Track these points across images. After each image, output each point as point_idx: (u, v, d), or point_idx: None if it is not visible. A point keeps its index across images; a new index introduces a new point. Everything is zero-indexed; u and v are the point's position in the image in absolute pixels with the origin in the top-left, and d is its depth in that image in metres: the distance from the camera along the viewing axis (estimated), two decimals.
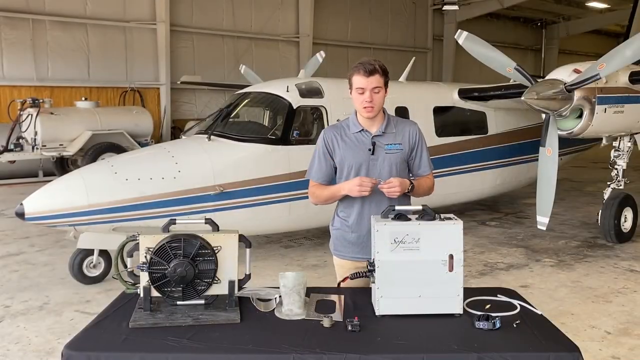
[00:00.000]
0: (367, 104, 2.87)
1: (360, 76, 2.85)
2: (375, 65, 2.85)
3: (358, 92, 2.89)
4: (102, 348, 2.15)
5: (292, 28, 19.46)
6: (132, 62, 16.35)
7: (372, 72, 2.83)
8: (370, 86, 2.85)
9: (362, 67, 2.84)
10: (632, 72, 6.38)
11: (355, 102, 2.93)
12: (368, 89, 2.85)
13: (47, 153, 11.80)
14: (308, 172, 3.11)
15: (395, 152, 2.98)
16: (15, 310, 5.15)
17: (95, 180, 5.56)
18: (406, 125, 3.06)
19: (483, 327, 2.32)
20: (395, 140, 2.99)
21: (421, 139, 3.05)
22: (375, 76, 2.84)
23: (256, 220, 6.22)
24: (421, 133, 3.08)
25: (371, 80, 2.84)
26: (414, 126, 3.08)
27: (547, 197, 6.24)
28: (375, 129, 2.98)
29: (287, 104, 6.54)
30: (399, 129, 3.01)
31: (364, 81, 2.85)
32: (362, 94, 2.87)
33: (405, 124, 3.09)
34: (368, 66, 2.84)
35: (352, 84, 2.91)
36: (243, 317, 2.42)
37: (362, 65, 2.85)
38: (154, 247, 2.40)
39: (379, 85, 2.86)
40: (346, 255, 3.11)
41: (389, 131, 2.99)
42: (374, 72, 2.84)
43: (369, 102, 2.87)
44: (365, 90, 2.86)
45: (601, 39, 29.63)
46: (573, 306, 5.27)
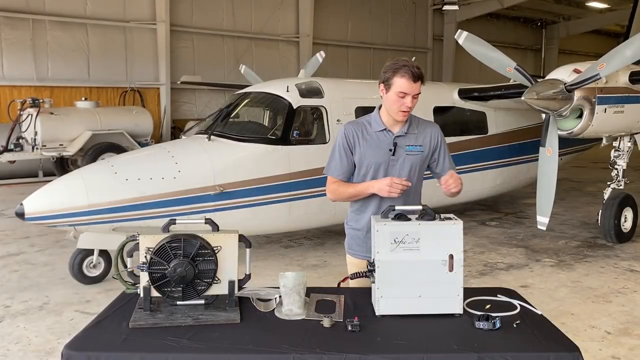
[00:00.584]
0: (407, 109, 2.83)
1: (406, 80, 2.77)
2: (421, 71, 2.81)
3: (399, 96, 2.80)
4: (102, 348, 2.15)
5: (292, 28, 19.46)
6: (132, 62, 16.35)
7: (418, 78, 2.78)
8: (414, 92, 2.79)
9: (409, 71, 2.76)
10: (632, 72, 6.38)
11: (392, 103, 2.85)
12: (411, 95, 2.80)
13: (47, 153, 11.80)
14: (326, 168, 3.05)
15: (415, 154, 2.95)
16: (15, 310, 5.15)
17: (95, 180, 5.56)
18: (427, 127, 3.03)
19: (483, 327, 2.32)
20: (417, 142, 2.96)
21: (442, 141, 3.03)
22: (419, 83, 2.80)
23: (256, 220, 6.22)
24: (442, 134, 3.06)
25: (416, 86, 2.79)
26: (435, 128, 3.05)
27: (547, 197, 6.24)
28: (398, 129, 2.94)
29: (287, 104, 6.54)
30: (420, 130, 2.98)
31: (410, 87, 2.77)
32: (402, 98, 2.80)
33: (427, 125, 3.05)
34: (416, 71, 2.77)
35: (393, 85, 2.81)
36: (243, 317, 2.42)
37: (409, 69, 2.77)
38: (154, 247, 2.39)
39: (419, 92, 2.83)
40: (359, 254, 3.09)
41: (411, 132, 2.95)
42: (419, 79, 2.79)
43: (408, 107, 2.82)
44: (408, 95, 2.79)
45: (601, 39, 29.63)
46: (573, 306, 5.27)
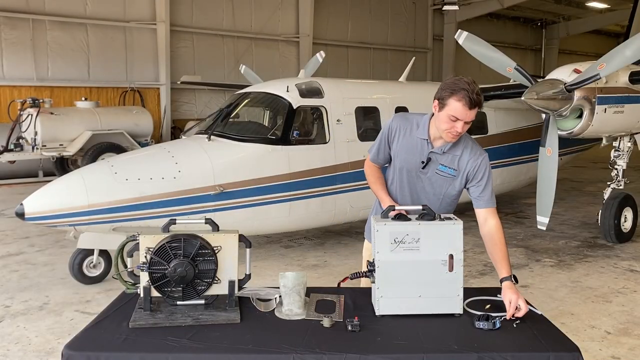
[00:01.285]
0: (456, 133, 2.73)
1: (462, 105, 2.65)
2: (480, 98, 2.67)
3: (451, 119, 2.70)
4: (102, 348, 2.15)
5: (292, 28, 19.45)
6: (132, 62, 16.34)
7: (475, 105, 2.66)
8: (467, 119, 2.69)
9: (467, 96, 2.63)
10: (632, 72, 6.38)
11: (441, 123, 2.74)
12: (463, 121, 2.70)
13: (47, 153, 11.79)
14: (370, 149, 3.11)
15: (445, 176, 2.87)
16: (15, 310, 5.14)
17: (95, 180, 5.56)
18: (472, 153, 2.85)
19: (483, 327, 2.32)
20: (452, 165, 2.85)
21: (483, 173, 2.84)
22: (475, 110, 2.68)
23: (256, 220, 6.21)
24: (487, 166, 2.85)
25: (471, 113, 2.68)
26: (480, 157, 2.85)
27: (547, 197, 6.24)
28: (440, 144, 2.85)
29: (287, 104, 6.54)
30: (463, 155, 2.84)
31: (464, 113, 2.67)
32: (454, 122, 2.70)
33: (473, 152, 2.86)
34: (475, 97, 2.64)
35: (447, 106, 2.69)
36: (243, 317, 2.42)
37: (468, 94, 2.63)
38: (154, 247, 2.40)
39: (472, 119, 2.72)
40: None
41: (451, 152, 2.85)
42: (477, 106, 2.67)
43: (458, 132, 2.73)
44: (460, 120, 2.69)
45: (601, 39, 29.66)
46: (573, 306, 5.27)
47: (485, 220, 2.84)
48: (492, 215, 2.83)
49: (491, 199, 2.86)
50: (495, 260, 2.75)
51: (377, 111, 7.16)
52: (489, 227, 2.81)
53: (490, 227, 2.80)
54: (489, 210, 2.84)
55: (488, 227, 2.81)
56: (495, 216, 2.84)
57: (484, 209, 2.85)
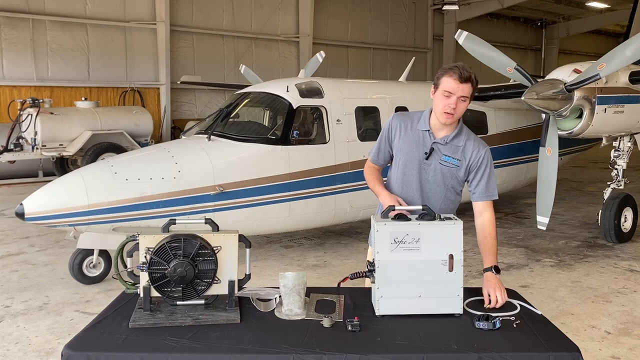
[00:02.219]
0: (450, 109, 2.75)
1: (453, 79, 2.72)
2: (472, 74, 2.74)
3: (444, 95, 2.75)
4: (102, 348, 2.15)
5: (292, 28, 19.46)
6: (132, 62, 16.34)
7: (466, 80, 2.72)
8: (459, 93, 2.73)
9: (458, 71, 2.72)
10: (632, 72, 6.38)
11: (437, 103, 2.80)
12: (456, 95, 2.73)
13: (47, 153, 11.79)
14: (370, 150, 3.14)
15: (448, 166, 2.88)
16: (15, 310, 5.14)
17: (95, 180, 5.55)
18: (474, 145, 2.89)
19: (483, 327, 2.32)
20: (455, 155, 2.87)
21: (485, 165, 2.88)
22: (468, 85, 2.73)
23: (256, 220, 6.22)
24: (489, 158, 2.89)
25: (463, 87, 2.72)
26: (482, 149, 2.89)
27: (547, 197, 6.24)
28: (443, 135, 2.87)
29: (287, 104, 6.54)
30: (466, 145, 2.87)
31: (455, 86, 2.72)
32: (447, 97, 2.74)
33: (475, 143, 2.90)
34: (464, 72, 2.72)
35: (440, 85, 2.77)
36: (243, 317, 2.42)
37: (459, 69, 2.73)
38: (154, 247, 2.40)
39: (466, 95, 2.75)
40: None
41: (454, 143, 2.87)
42: (468, 80, 2.72)
43: (452, 108, 2.74)
44: (452, 95, 2.73)
45: (601, 39, 29.68)
46: (573, 306, 5.27)
47: (481, 212, 2.93)
48: (488, 208, 2.93)
49: (489, 191, 2.92)
50: (482, 251, 2.87)
51: (377, 111, 7.17)
52: (483, 219, 2.92)
53: (484, 219, 2.91)
54: (486, 204, 2.93)
55: (482, 219, 2.92)
56: (492, 209, 2.94)
57: (482, 202, 2.93)
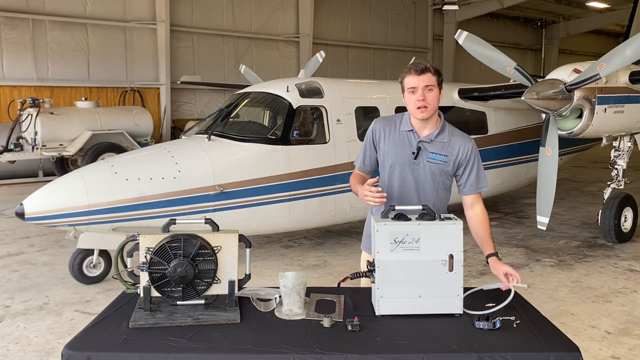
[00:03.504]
0: (421, 103, 2.76)
1: (411, 76, 2.78)
2: (427, 64, 2.80)
3: (410, 92, 2.80)
4: (102, 348, 2.15)
5: (292, 28, 19.46)
6: (132, 62, 16.34)
7: (423, 71, 2.76)
8: (422, 84, 2.76)
9: (412, 67, 2.80)
10: (632, 72, 6.38)
11: (408, 104, 2.84)
12: (420, 87, 2.76)
13: (47, 153, 11.79)
14: (356, 159, 3.13)
15: (436, 163, 2.88)
16: (15, 310, 5.14)
17: (95, 180, 5.56)
18: (460, 139, 2.91)
19: (483, 327, 2.32)
20: (442, 151, 2.88)
21: (473, 157, 2.90)
22: (427, 74, 2.77)
23: (256, 220, 6.22)
24: (475, 151, 2.92)
25: (423, 78, 2.76)
26: (467, 142, 2.91)
27: (547, 197, 6.24)
28: (426, 133, 2.88)
29: (287, 104, 6.54)
30: (451, 141, 2.89)
31: (415, 80, 2.77)
32: (414, 93, 2.79)
33: (460, 137, 2.93)
34: (419, 65, 2.79)
35: (405, 86, 2.84)
36: (243, 317, 2.42)
37: (413, 65, 2.80)
38: (154, 247, 2.40)
39: (431, 84, 2.77)
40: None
41: (439, 139, 2.88)
42: (426, 71, 2.77)
43: (422, 101, 2.76)
44: (417, 88, 2.77)
45: (601, 39, 29.68)
46: (573, 306, 5.27)
47: (472, 205, 2.98)
48: (479, 200, 2.99)
49: (479, 184, 2.96)
50: (481, 239, 2.90)
51: (377, 111, 7.16)
52: (475, 211, 2.97)
53: (477, 211, 2.96)
54: (477, 196, 2.98)
55: (475, 211, 2.97)
56: (482, 201, 3.01)
57: (472, 195, 2.97)
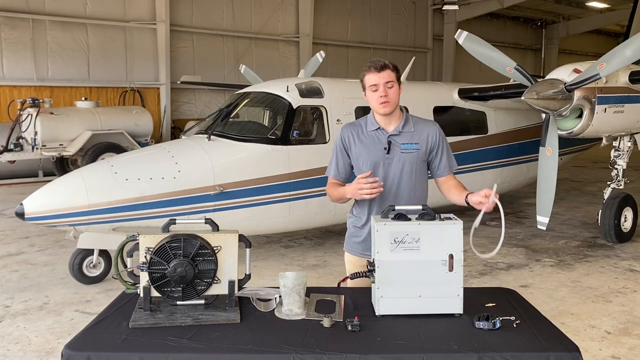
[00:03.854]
0: (383, 99, 2.86)
1: (371, 74, 2.87)
2: (385, 61, 2.89)
3: (372, 90, 2.89)
4: (102, 348, 2.14)
5: (292, 28, 19.46)
6: (132, 62, 16.35)
7: (382, 68, 2.86)
8: (382, 81, 2.86)
9: (371, 65, 2.88)
10: (632, 72, 6.38)
11: (371, 101, 2.93)
12: (381, 84, 2.86)
13: (47, 153, 11.79)
14: (327, 170, 3.13)
15: (411, 152, 2.96)
16: (15, 310, 5.15)
17: (95, 180, 5.56)
18: (425, 125, 3.04)
19: (483, 327, 2.32)
20: (412, 140, 2.97)
21: (441, 140, 3.02)
22: (386, 71, 2.86)
23: (256, 220, 6.22)
24: (442, 134, 3.04)
25: (383, 75, 2.86)
26: (434, 127, 3.05)
27: (547, 197, 6.24)
28: (392, 127, 2.97)
29: (287, 104, 6.54)
30: (417, 129, 2.99)
31: (376, 77, 2.86)
32: (375, 91, 2.88)
33: (425, 124, 3.06)
34: (378, 63, 2.87)
35: (365, 84, 2.92)
36: (243, 317, 2.42)
37: (372, 63, 2.88)
38: (154, 247, 2.39)
39: (390, 80, 2.87)
40: (356, 252, 3.13)
41: (406, 130, 2.97)
42: (385, 68, 2.86)
43: (384, 97, 2.86)
44: (378, 85, 2.86)
45: (601, 39, 29.67)
46: (573, 306, 5.27)
47: (447, 180, 3.05)
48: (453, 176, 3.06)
49: (451, 164, 3.04)
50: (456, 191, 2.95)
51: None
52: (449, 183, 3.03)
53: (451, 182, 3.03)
54: (450, 176, 3.06)
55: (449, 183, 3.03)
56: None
57: (446, 176, 3.04)
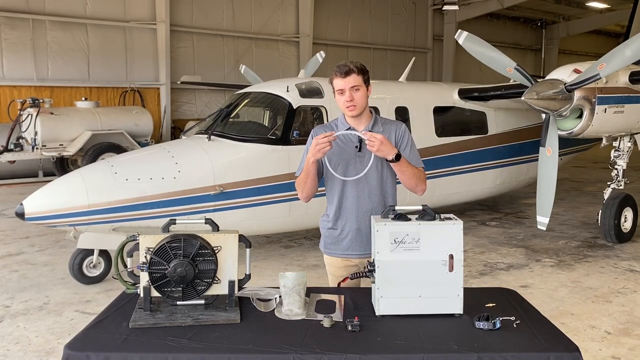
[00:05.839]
0: (349, 103, 2.93)
1: (337, 78, 2.93)
2: (350, 65, 2.92)
3: (339, 94, 2.96)
4: (102, 348, 2.15)
5: (292, 28, 19.46)
6: (132, 62, 16.35)
7: (348, 73, 2.90)
8: (348, 86, 2.91)
9: (337, 69, 2.93)
10: (632, 72, 6.38)
11: (339, 103, 3.01)
12: (347, 89, 2.92)
13: (47, 153, 11.79)
14: (297, 170, 3.14)
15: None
16: (15, 310, 5.15)
17: (95, 180, 5.56)
18: (392, 125, 3.13)
19: (483, 327, 2.32)
20: None
21: (407, 137, 3.09)
22: (352, 75, 2.91)
23: (256, 220, 6.22)
24: (408, 132, 3.12)
25: (348, 80, 2.91)
26: (400, 126, 3.14)
27: (547, 197, 6.24)
28: (362, 127, 3.03)
29: (287, 104, 6.54)
30: (385, 128, 3.07)
31: (342, 82, 2.92)
32: (342, 94, 2.94)
33: (392, 123, 3.16)
34: (343, 68, 2.92)
35: (334, 88, 2.99)
36: (243, 317, 2.42)
37: (338, 67, 2.94)
38: (154, 247, 2.39)
39: (356, 84, 2.92)
40: (335, 253, 3.16)
41: (375, 130, 3.03)
42: (350, 72, 2.91)
43: (350, 101, 2.93)
44: (344, 90, 2.93)
45: (601, 39, 29.67)
46: (573, 306, 5.27)
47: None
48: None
49: (416, 160, 3.05)
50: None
51: (377, 111, 7.15)
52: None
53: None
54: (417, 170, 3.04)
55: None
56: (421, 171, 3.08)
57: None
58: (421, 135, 7.19)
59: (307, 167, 2.96)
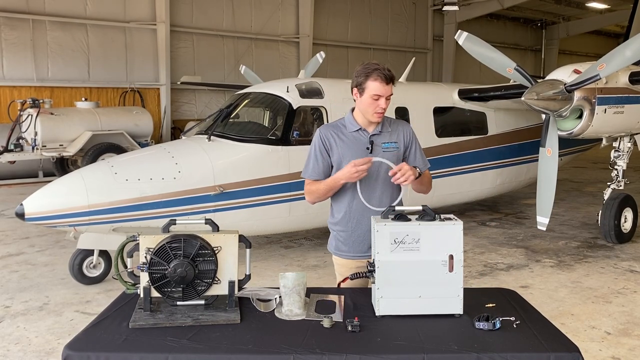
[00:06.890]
0: (382, 110, 2.91)
1: (379, 83, 2.86)
2: (392, 73, 2.90)
3: (373, 98, 2.89)
4: (102, 348, 2.15)
5: (292, 28, 19.46)
6: (132, 62, 16.35)
7: (390, 80, 2.88)
8: (387, 94, 2.89)
9: (381, 74, 2.85)
10: (632, 73, 6.39)
11: (367, 106, 2.93)
12: (384, 97, 2.88)
13: (47, 153, 11.79)
14: (304, 172, 3.10)
15: (391, 151, 3.02)
16: (15, 311, 5.15)
17: (95, 181, 5.56)
18: (400, 125, 3.13)
19: (483, 327, 2.32)
20: (391, 139, 3.05)
21: (415, 138, 3.12)
22: (391, 85, 2.89)
23: (256, 220, 6.22)
24: (414, 133, 3.15)
25: (388, 89, 2.88)
26: (407, 126, 3.16)
27: (547, 197, 6.24)
28: (373, 128, 3.02)
29: (287, 104, 6.54)
30: (393, 128, 3.07)
31: (383, 89, 2.86)
32: (377, 100, 2.89)
33: (399, 124, 3.16)
34: (387, 73, 2.86)
35: (366, 89, 2.89)
36: (243, 318, 2.42)
37: (381, 72, 2.86)
38: (154, 248, 2.39)
39: (392, 94, 2.93)
40: (346, 254, 3.12)
41: (384, 130, 3.04)
42: (392, 80, 2.88)
43: (383, 109, 2.90)
44: (381, 97, 2.88)
45: (601, 39, 29.68)
46: (573, 306, 5.28)
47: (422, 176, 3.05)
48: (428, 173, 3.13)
49: (425, 161, 3.12)
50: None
51: None
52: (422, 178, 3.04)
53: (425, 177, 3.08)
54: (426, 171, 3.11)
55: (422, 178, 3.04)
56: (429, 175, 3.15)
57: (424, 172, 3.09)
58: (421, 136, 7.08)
59: (334, 184, 2.93)
